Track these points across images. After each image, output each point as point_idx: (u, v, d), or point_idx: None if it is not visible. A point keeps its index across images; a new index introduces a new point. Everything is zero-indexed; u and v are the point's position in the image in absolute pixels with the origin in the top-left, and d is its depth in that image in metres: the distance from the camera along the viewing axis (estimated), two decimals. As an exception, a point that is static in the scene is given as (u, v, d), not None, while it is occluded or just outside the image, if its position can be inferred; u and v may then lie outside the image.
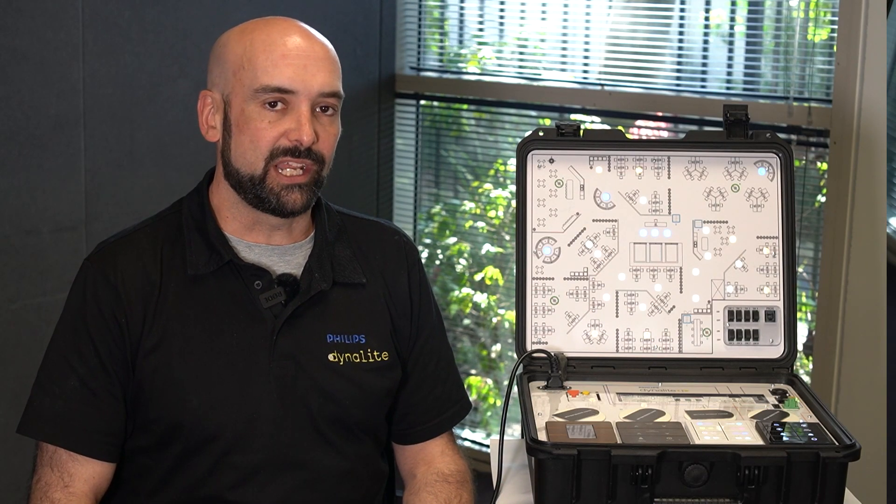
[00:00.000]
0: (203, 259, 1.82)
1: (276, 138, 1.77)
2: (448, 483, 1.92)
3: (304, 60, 1.77)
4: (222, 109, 1.81)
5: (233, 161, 1.80)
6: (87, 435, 1.79)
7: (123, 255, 1.83)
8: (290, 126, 1.77)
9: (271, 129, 1.77)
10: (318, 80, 1.78)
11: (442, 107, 4.05)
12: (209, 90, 1.84)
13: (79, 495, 1.78)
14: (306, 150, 1.77)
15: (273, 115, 1.77)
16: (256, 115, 1.77)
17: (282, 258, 1.86)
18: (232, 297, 1.82)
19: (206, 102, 1.84)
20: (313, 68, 1.78)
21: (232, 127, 1.80)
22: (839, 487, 1.54)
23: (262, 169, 1.78)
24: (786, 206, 1.83)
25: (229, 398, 1.80)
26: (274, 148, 1.77)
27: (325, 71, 1.79)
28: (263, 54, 1.77)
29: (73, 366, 1.80)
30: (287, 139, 1.77)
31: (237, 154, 1.80)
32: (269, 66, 1.76)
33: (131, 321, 1.79)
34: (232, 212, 1.85)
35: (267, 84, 1.76)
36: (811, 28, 3.27)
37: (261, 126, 1.77)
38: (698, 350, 1.82)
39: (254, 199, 1.80)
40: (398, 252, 1.96)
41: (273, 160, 1.77)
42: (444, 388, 1.98)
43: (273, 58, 1.77)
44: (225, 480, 1.80)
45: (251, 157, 1.78)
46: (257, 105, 1.77)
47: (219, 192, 1.86)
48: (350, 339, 1.87)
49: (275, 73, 1.76)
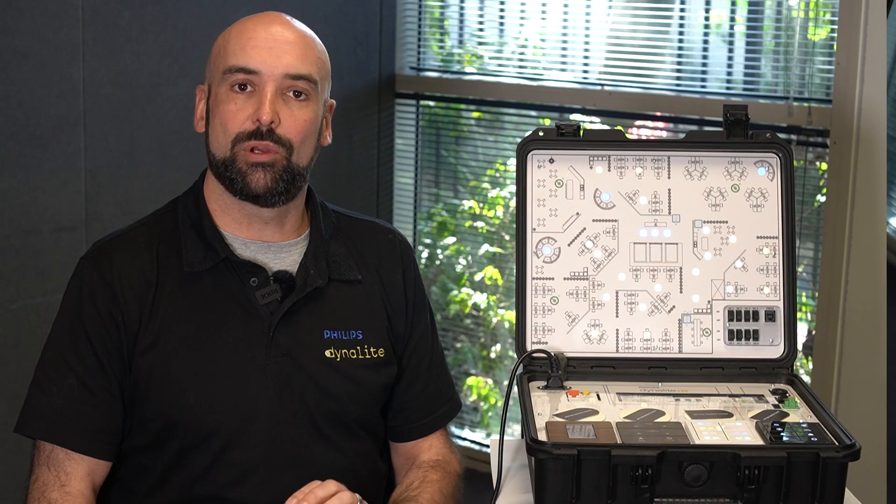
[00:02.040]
0: (199, 256, 1.82)
1: (243, 121, 1.79)
2: (419, 468, 1.93)
3: (272, 43, 1.80)
4: (206, 99, 1.86)
5: (210, 147, 1.84)
6: (85, 433, 1.79)
7: (119, 253, 1.83)
8: (254, 108, 1.78)
9: (238, 111, 1.79)
10: (283, 62, 1.79)
11: (442, 107, 4.05)
12: (202, 86, 1.88)
13: (75, 494, 1.77)
14: (268, 131, 1.78)
15: (241, 97, 1.79)
16: (226, 97, 1.80)
17: (277, 255, 1.87)
18: (228, 293, 1.82)
19: (200, 97, 1.88)
20: (279, 50, 1.80)
21: (210, 113, 1.84)
22: (839, 487, 1.54)
23: (230, 151, 1.79)
24: (786, 206, 1.83)
25: (226, 395, 1.80)
26: (240, 131, 1.78)
27: (293, 54, 1.81)
28: (235, 39, 1.81)
29: (70, 364, 1.80)
30: (251, 121, 1.79)
31: (212, 139, 1.83)
32: (238, 49, 1.80)
33: (128, 319, 1.80)
34: (220, 203, 1.86)
35: (233, 64, 1.79)
36: (811, 28, 3.27)
37: (229, 108, 1.79)
38: (698, 350, 1.82)
39: (227, 182, 1.81)
40: (393, 250, 1.97)
41: (239, 143, 1.78)
42: (437, 386, 1.99)
43: (242, 40, 1.80)
44: (223, 478, 1.81)
45: (221, 140, 1.80)
46: (226, 88, 1.80)
47: (208, 185, 1.88)
48: (347, 336, 1.87)
49: (241, 55, 1.79)
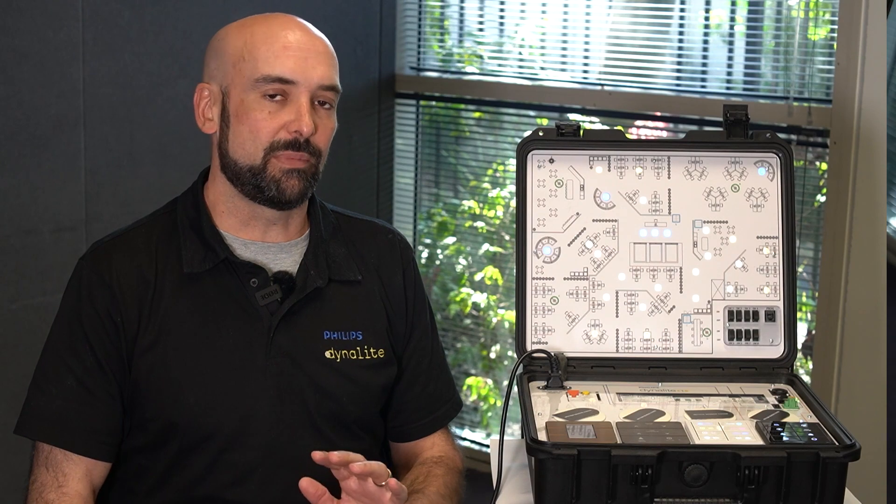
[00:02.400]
0: (198, 257, 1.82)
1: (276, 130, 1.78)
2: (423, 465, 1.93)
3: (305, 53, 1.79)
4: (220, 101, 1.82)
5: (230, 152, 1.81)
6: (84, 434, 1.79)
7: (118, 254, 1.83)
8: (290, 117, 1.78)
9: (271, 119, 1.78)
10: (318, 73, 1.79)
11: (442, 107, 4.05)
12: (206, 83, 1.84)
13: (72, 495, 1.77)
14: (305, 141, 1.78)
15: (273, 105, 1.78)
16: (256, 105, 1.78)
17: (277, 256, 1.86)
18: (228, 294, 1.82)
19: (203, 95, 1.84)
20: (313, 60, 1.79)
21: (230, 118, 1.80)
22: (839, 487, 1.53)
23: (261, 159, 1.78)
24: (786, 206, 1.83)
25: (226, 396, 1.80)
26: (274, 140, 1.78)
27: (325, 64, 1.80)
28: (265, 45, 1.78)
29: (69, 365, 1.80)
30: (287, 131, 1.78)
31: (236, 145, 1.80)
32: (271, 56, 1.78)
33: (127, 320, 1.79)
34: (228, 206, 1.85)
35: (268, 74, 1.77)
36: (811, 28, 3.27)
37: (260, 117, 1.78)
38: (698, 350, 1.82)
39: (252, 189, 1.80)
40: (392, 250, 1.97)
41: (273, 152, 1.78)
42: (437, 385, 1.99)
43: (275, 49, 1.78)
44: (222, 479, 1.80)
45: (250, 148, 1.79)
46: (257, 95, 1.78)
47: (215, 187, 1.86)
48: (347, 336, 1.87)
49: (276, 64, 1.77)
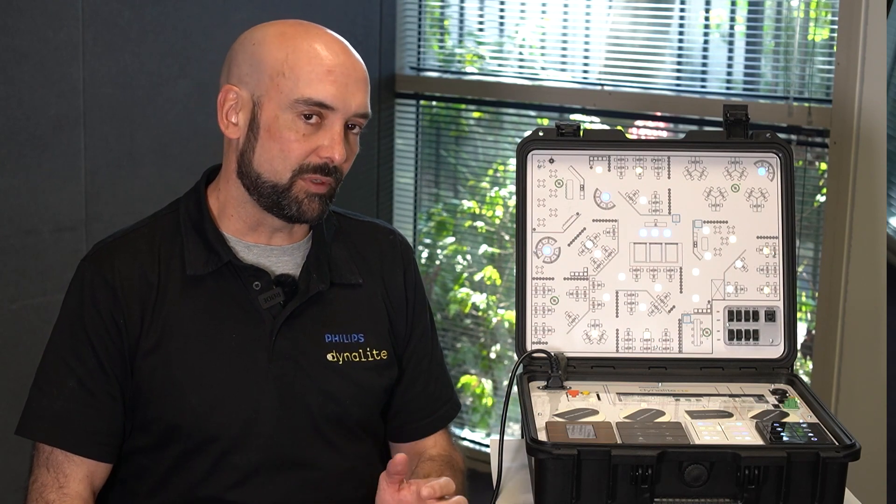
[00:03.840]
0: (201, 259, 1.82)
1: (307, 153, 1.77)
2: (432, 461, 1.93)
3: (347, 79, 1.77)
4: (249, 109, 1.78)
5: (255, 164, 1.79)
6: (85, 436, 1.79)
7: (120, 255, 1.82)
8: (323, 143, 1.76)
9: (304, 142, 1.76)
10: (356, 100, 1.78)
11: (442, 107, 4.05)
12: (234, 85, 1.79)
13: (73, 496, 1.77)
14: (333, 167, 1.78)
15: (307, 128, 1.76)
16: (291, 125, 1.76)
17: (280, 259, 1.86)
18: (231, 297, 1.82)
19: (229, 97, 1.80)
20: (353, 87, 1.77)
21: (260, 130, 1.78)
22: (839, 487, 1.54)
23: (287, 179, 1.77)
24: (786, 206, 1.83)
25: (228, 398, 1.80)
26: (304, 163, 1.77)
27: (363, 91, 1.79)
28: (308, 66, 1.75)
29: (71, 367, 1.79)
30: (317, 155, 1.77)
31: (263, 159, 1.78)
32: (314, 79, 1.75)
33: (129, 321, 1.79)
34: (238, 210, 1.84)
35: (310, 97, 1.75)
36: (811, 28, 3.27)
37: (293, 137, 1.76)
38: (698, 350, 1.82)
39: (271, 204, 1.79)
40: (393, 251, 1.97)
41: (301, 174, 1.77)
42: (436, 386, 1.99)
43: (318, 72, 1.75)
44: (224, 481, 1.80)
45: (279, 166, 1.77)
46: (293, 115, 1.76)
47: (226, 189, 1.84)
48: (349, 339, 1.87)
49: (319, 88, 1.75)
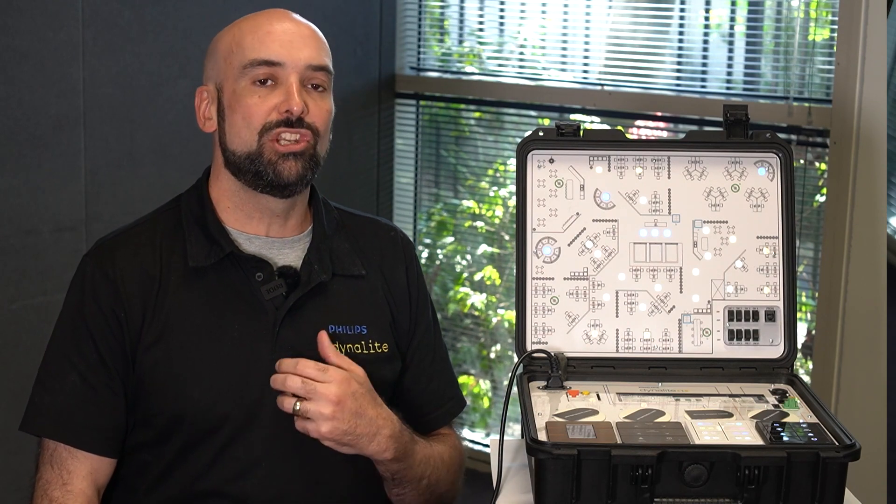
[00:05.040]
0: (203, 251, 1.83)
1: (268, 112, 1.80)
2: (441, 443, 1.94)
3: (291, 36, 1.83)
4: (216, 98, 1.85)
5: (229, 143, 1.83)
6: (88, 431, 1.79)
7: (121, 250, 1.84)
8: (280, 98, 1.80)
9: (262, 103, 1.80)
10: (304, 54, 1.82)
11: (442, 107, 4.05)
12: (204, 86, 1.88)
13: (76, 493, 1.78)
14: (298, 119, 1.80)
15: (263, 90, 1.81)
16: (247, 92, 1.81)
17: (281, 251, 1.87)
18: (233, 289, 1.83)
19: (203, 97, 1.88)
20: (299, 43, 1.82)
21: (225, 110, 1.84)
22: (839, 487, 1.53)
23: (256, 143, 1.80)
24: (786, 206, 1.83)
25: (230, 390, 1.80)
26: (266, 122, 1.80)
27: (311, 46, 1.83)
28: (250, 35, 1.82)
29: (73, 362, 1.80)
30: (278, 112, 1.80)
31: (232, 135, 1.83)
32: (256, 42, 1.81)
33: (131, 316, 1.80)
34: (233, 200, 1.86)
35: (254, 58, 1.80)
36: (811, 28, 3.28)
37: (251, 102, 1.80)
38: (698, 350, 1.82)
39: (252, 177, 1.82)
40: (395, 247, 1.98)
41: (267, 134, 1.80)
42: (440, 382, 1.99)
43: (259, 35, 1.82)
44: (225, 473, 1.81)
45: (245, 135, 1.81)
46: (247, 82, 1.81)
47: (218, 183, 1.88)
48: (351, 330, 1.87)
49: (261, 48, 1.81)
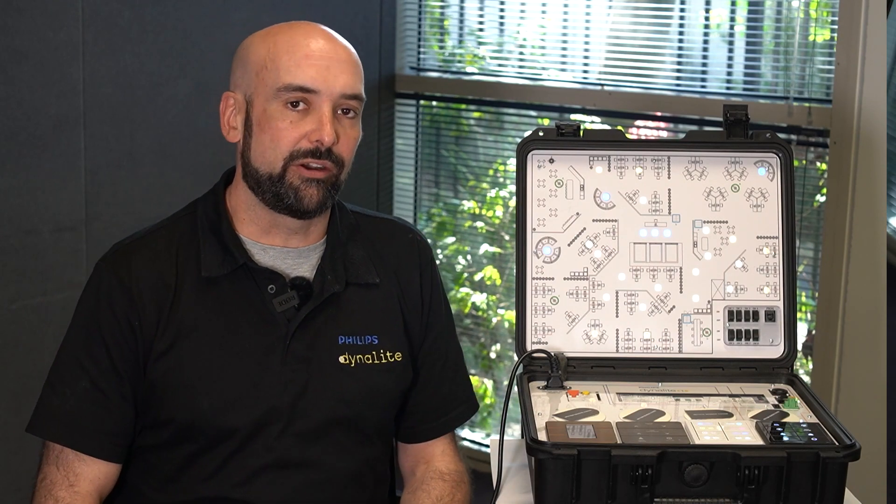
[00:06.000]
0: (217, 261, 1.82)
1: (298, 139, 1.77)
2: (444, 481, 1.92)
3: (328, 62, 1.78)
4: (244, 110, 1.82)
5: (252, 161, 1.81)
6: (96, 436, 1.79)
7: (138, 257, 1.83)
8: (312, 127, 1.77)
9: (293, 129, 1.77)
10: (340, 81, 1.78)
11: (442, 107, 4.05)
12: (231, 92, 1.84)
13: (83, 495, 1.78)
14: (327, 150, 1.77)
15: (295, 115, 1.77)
16: (278, 114, 1.77)
17: (295, 261, 1.86)
18: (246, 300, 1.82)
19: (229, 104, 1.84)
20: (336, 69, 1.78)
21: (253, 126, 1.80)
22: (839, 487, 1.54)
23: (281, 167, 1.78)
24: (786, 206, 1.83)
25: (241, 401, 1.80)
26: (295, 149, 1.77)
27: (348, 73, 1.80)
28: (287, 55, 1.78)
29: (84, 367, 1.80)
30: (308, 140, 1.77)
31: (257, 153, 1.80)
32: (293, 65, 1.77)
33: (144, 324, 1.79)
34: (249, 214, 1.85)
35: (290, 83, 1.77)
36: (812, 28, 3.27)
37: (282, 126, 1.77)
38: (698, 350, 1.82)
39: (272, 198, 1.80)
40: (411, 251, 1.96)
41: (293, 161, 1.78)
42: (451, 387, 1.98)
43: (296, 58, 1.77)
44: (230, 479, 1.81)
45: (271, 157, 1.78)
46: (279, 104, 1.77)
47: (237, 193, 1.86)
48: (362, 341, 1.86)
49: (297, 73, 1.77)
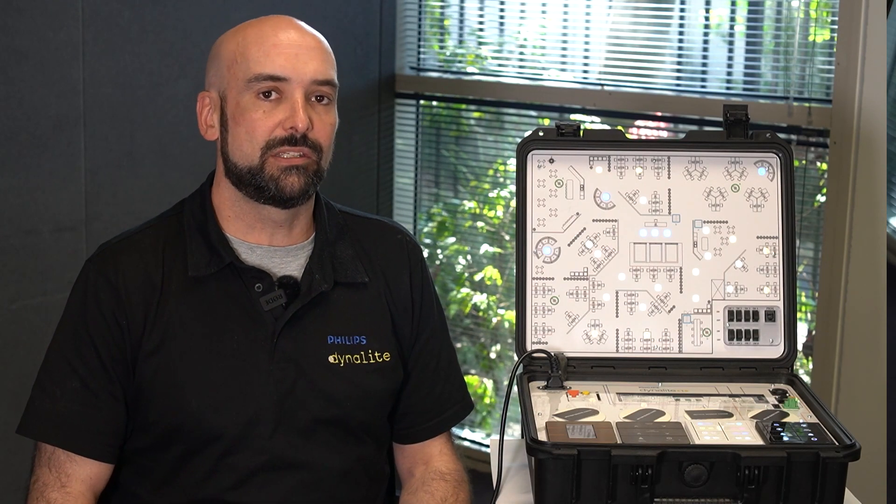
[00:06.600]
0: (204, 261, 1.82)
1: (272, 128, 1.78)
2: (445, 481, 1.92)
3: (296, 49, 1.80)
4: (219, 107, 1.83)
5: (231, 156, 1.82)
6: (87, 436, 1.79)
7: (125, 256, 1.83)
8: (285, 115, 1.78)
9: (266, 119, 1.78)
10: (310, 68, 1.79)
11: (442, 107, 4.05)
12: (207, 91, 1.86)
13: (75, 495, 1.78)
14: (302, 137, 1.78)
15: (268, 104, 1.78)
16: (251, 105, 1.78)
17: (283, 260, 1.86)
18: (233, 299, 1.82)
19: (205, 103, 1.86)
20: (305, 56, 1.80)
21: (229, 121, 1.81)
22: (839, 487, 1.54)
23: (258, 159, 1.78)
24: (786, 206, 1.83)
25: (229, 400, 1.80)
26: (270, 139, 1.78)
27: (317, 59, 1.81)
28: (255, 46, 1.79)
29: (73, 367, 1.80)
30: (283, 128, 1.78)
31: (235, 147, 1.81)
32: (262, 55, 1.78)
33: (132, 323, 1.79)
34: (234, 210, 1.85)
35: (259, 73, 1.78)
36: (811, 28, 3.27)
37: (256, 116, 1.78)
38: (698, 350, 1.82)
39: (254, 190, 1.80)
40: (400, 251, 1.96)
41: (270, 150, 1.78)
42: (445, 387, 1.98)
43: (265, 48, 1.79)
44: (224, 482, 1.80)
45: (248, 149, 1.79)
46: (251, 96, 1.78)
47: (220, 191, 1.86)
48: (351, 341, 1.86)
49: (266, 62, 1.78)
